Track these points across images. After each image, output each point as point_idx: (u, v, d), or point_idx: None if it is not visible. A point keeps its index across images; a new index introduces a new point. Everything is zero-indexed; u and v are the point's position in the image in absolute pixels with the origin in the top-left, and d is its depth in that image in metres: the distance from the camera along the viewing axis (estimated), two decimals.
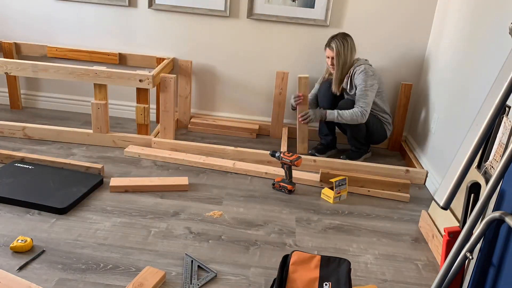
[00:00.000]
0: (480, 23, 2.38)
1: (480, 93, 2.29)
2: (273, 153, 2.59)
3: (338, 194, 2.48)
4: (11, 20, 3.31)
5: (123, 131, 3.21)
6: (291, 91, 3.33)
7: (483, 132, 1.24)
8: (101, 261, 1.82)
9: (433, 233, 2.12)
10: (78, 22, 3.27)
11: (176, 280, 1.76)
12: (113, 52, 3.28)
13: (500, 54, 2.13)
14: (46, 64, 2.75)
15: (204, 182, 2.58)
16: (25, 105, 3.51)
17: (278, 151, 2.57)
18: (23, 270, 1.73)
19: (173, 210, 2.26)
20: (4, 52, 3.30)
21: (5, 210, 2.11)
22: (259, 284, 1.79)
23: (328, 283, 1.59)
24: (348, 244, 2.11)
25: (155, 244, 1.96)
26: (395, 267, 1.97)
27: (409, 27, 3.13)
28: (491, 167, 1.77)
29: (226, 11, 3.15)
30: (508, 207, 1.46)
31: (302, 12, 3.12)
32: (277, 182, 2.54)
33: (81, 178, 2.39)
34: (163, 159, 2.79)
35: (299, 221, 2.26)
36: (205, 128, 3.34)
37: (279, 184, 2.54)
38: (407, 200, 2.58)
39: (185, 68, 3.23)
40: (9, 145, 2.79)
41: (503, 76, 1.23)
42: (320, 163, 2.81)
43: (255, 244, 2.04)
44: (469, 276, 1.64)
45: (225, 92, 3.41)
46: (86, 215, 2.14)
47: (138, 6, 3.20)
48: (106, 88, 2.78)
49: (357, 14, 3.12)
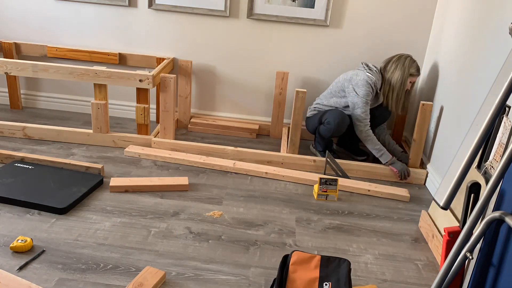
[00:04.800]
0: (480, 23, 2.38)
1: (480, 93, 2.29)
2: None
3: (324, 192, 2.47)
4: (11, 20, 3.31)
5: (123, 131, 3.21)
6: (292, 91, 3.33)
7: (483, 132, 1.24)
8: (101, 261, 1.82)
9: (433, 233, 2.12)
10: (78, 22, 3.27)
11: (176, 280, 1.76)
12: (113, 52, 3.28)
13: (500, 54, 2.13)
14: (46, 64, 2.75)
15: (204, 182, 2.58)
16: (25, 105, 3.51)
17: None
18: (23, 270, 1.73)
19: (173, 210, 2.26)
20: (4, 52, 3.30)
21: (5, 210, 2.11)
22: (259, 284, 1.79)
23: (328, 283, 1.59)
24: (348, 244, 2.11)
25: (155, 244, 1.96)
26: (395, 267, 1.97)
27: (409, 27, 3.13)
28: (491, 167, 1.77)
29: (226, 11, 3.15)
30: (508, 207, 1.46)
31: (302, 12, 3.12)
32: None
33: (81, 178, 2.39)
34: (163, 159, 2.79)
35: (299, 221, 2.26)
36: (205, 128, 3.34)
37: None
38: (407, 200, 2.58)
39: (185, 68, 3.23)
40: (9, 145, 2.79)
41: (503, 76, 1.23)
42: (321, 163, 2.81)
43: (255, 244, 2.04)
44: (469, 276, 1.64)
45: (225, 92, 3.41)
46: (86, 215, 2.14)
47: (138, 6, 3.20)
48: (106, 88, 2.78)
49: (357, 14, 3.12)
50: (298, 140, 2.87)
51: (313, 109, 2.99)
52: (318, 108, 2.96)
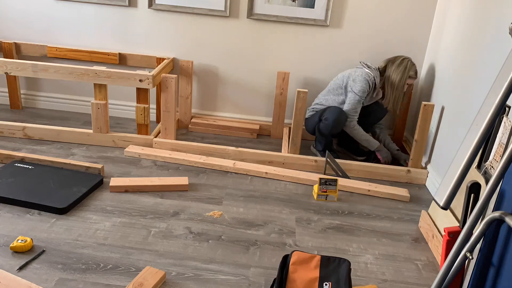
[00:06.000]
0: (480, 24, 2.38)
1: (480, 93, 2.29)
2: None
3: (324, 192, 2.47)
4: (11, 20, 3.31)
5: (123, 131, 3.21)
6: (292, 91, 3.33)
7: (483, 132, 1.24)
8: (101, 261, 1.82)
9: (433, 233, 2.12)
10: (78, 22, 3.27)
11: (176, 280, 1.76)
12: (113, 52, 3.28)
13: (500, 54, 2.13)
14: (46, 64, 2.75)
15: (204, 182, 2.58)
16: (25, 105, 3.51)
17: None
18: (23, 270, 1.73)
19: (173, 210, 2.26)
20: (4, 52, 3.30)
21: (5, 210, 2.11)
22: (259, 284, 1.79)
23: (328, 283, 1.59)
24: (348, 244, 2.11)
25: (155, 244, 1.96)
26: (395, 267, 1.97)
27: (409, 27, 3.13)
28: (491, 167, 1.77)
29: (226, 11, 3.14)
30: (508, 207, 1.46)
31: (302, 12, 3.12)
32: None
33: (81, 178, 2.39)
34: (163, 159, 2.79)
35: (299, 221, 2.26)
36: (206, 128, 3.34)
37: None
38: (407, 200, 2.58)
39: (186, 68, 3.23)
40: (9, 145, 2.79)
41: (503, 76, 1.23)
42: (322, 163, 2.81)
43: (255, 244, 2.04)
44: (469, 276, 1.64)
45: (226, 92, 3.41)
46: (86, 215, 2.14)
47: (138, 6, 3.20)
48: (106, 88, 2.78)
49: (357, 14, 3.12)
50: (299, 140, 2.87)
51: (311, 110, 3.01)
52: (316, 109, 2.97)
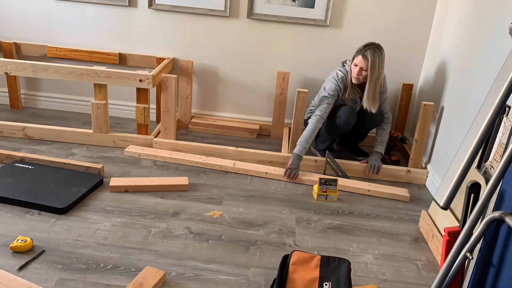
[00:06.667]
0: (479, 24, 2.38)
1: (480, 93, 2.29)
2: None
3: (324, 192, 2.47)
4: (11, 20, 3.31)
5: (123, 131, 3.21)
6: (292, 91, 3.33)
7: (483, 132, 1.24)
8: (101, 261, 1.82)
9: (433, 233, 2.12)
10: (78, 22, 3.27)
11: (176, 280, 1.76)
12: (113, 52, 3.28)
13: (500, 54, 2.13)
14: (46, 64, 2.75)
15: (204, 182, 2.58)
16: (25, 105, 3.51)
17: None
18: (23, 270, 1.73)
19: (173, 210, 2.26)
20: (4, 52, 3.30)
21: (5, 210, 2.11)
22: (259, 284, 1.79)
23: (328, 283, 1.59)
24: (348, 244, 2.11)
25: (155, 244, 1.96)
26: (395, 267, 1.97)
27: (409, 27, 3.12)
28: (491, 167, 1.77)
29: (226, 11, 3.14)
30: (508, 207, 1.46)
31: (302, 12, 3.12)
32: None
33: (81, 178, 2.39)
34: (163, 159, 2.79)
35: (299, 221, 2.26)
36: (206, 128, 3.34)
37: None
38: (407, 200, 2.58)
39: (186, 68, 3.23)
40: (9, 145, 2.79)
41: (503, 76, 1.23)
42: (322, 163, 2.81)
43: (255, 244, 2.04)
44: (469, 276, 1.64)
45: (226, 92, 3.41)
46: (86, 215, 2.14)
47: (138, 6, 3.20)
48: (106, 88, 2.78)
49: (357, 14, 3.12)
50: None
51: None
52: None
